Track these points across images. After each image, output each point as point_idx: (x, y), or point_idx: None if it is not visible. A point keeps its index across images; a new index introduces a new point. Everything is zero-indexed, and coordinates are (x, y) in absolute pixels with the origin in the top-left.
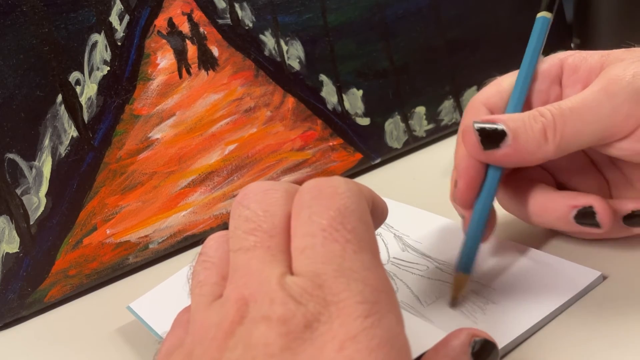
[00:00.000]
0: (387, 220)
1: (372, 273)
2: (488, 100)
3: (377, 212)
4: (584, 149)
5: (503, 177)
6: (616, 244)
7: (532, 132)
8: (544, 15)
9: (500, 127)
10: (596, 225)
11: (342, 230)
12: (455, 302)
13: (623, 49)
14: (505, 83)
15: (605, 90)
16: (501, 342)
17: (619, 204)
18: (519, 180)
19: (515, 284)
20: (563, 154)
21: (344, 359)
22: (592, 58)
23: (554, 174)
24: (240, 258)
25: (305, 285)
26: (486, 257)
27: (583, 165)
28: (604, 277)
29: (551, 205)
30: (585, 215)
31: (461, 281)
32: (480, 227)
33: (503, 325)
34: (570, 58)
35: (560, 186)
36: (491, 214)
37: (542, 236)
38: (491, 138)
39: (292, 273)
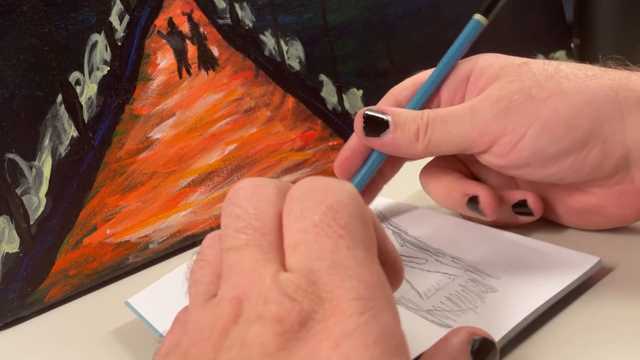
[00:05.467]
0: (387, 217)
1: (366, 269)
2: (401, 92)
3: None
4: (452, 154)
5: (429, 163)
6: (621, 237)
7: (407, 131)
8: (478, 19)
9: (386, 117)
10: (481, 213)
11: (334, 226)
12: None
13: (520, 64)
14: (424, 77)
15: (471, 108)
16: (503, 330)
17: (510, 195)
18: (438, 167)
19: (515, 272)
20: (432, 155)
21: (339, 356)
22: (493, 68)
23: (469, 166)
24: (233, 257)
25: (299, 282)
26: (486, 247)
27: None
28: (609, 270)
29: (452, 191)
30: (474, 203)
31: None
32: None
33: (504, 312)
34: (481, 61)
35: (474, 178)
36: (369, 192)
37: (543, 227)
38: (375, 126)
39: (285, 270)
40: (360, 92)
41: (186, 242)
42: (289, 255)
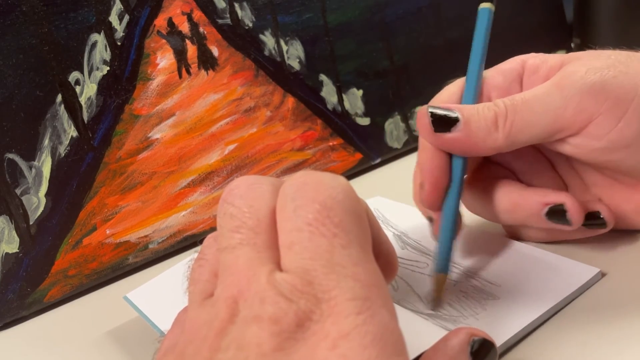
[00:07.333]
0: (388, 219)
1: (361, 268)
2: (450, 98)
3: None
4: (536, 143)
5: (468, 178)
6: (615, 242)
7: (483, 120)
8: (487, 7)
9: (454, 114)
10: (567, 222)
11: (328, 225)
12: (438, 302)
13: (584, 51)
14: (459, 84)
15: (557, 84)
16: (502, 338)
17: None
18: (486, 179)
19: (516, 280)
20: (514, 146)
21: (337, 357)
22: (553, 59)
23: (516, 175)
24: (228, 257)
25: (294, 282)
26: (487, 254)
27: (543, 168)
28: (602, 274)
29: (523, 202)
30: (557, 213)
31: (442, 281)
32: (451, 226)
33: (503, 320)
34: (531, 59)
35: None
36: (459, 213)
37: None
38: (443, 122)
39: (280, 269)
40: (360, 92)
41: (186, 242)
42: (284, 255)
